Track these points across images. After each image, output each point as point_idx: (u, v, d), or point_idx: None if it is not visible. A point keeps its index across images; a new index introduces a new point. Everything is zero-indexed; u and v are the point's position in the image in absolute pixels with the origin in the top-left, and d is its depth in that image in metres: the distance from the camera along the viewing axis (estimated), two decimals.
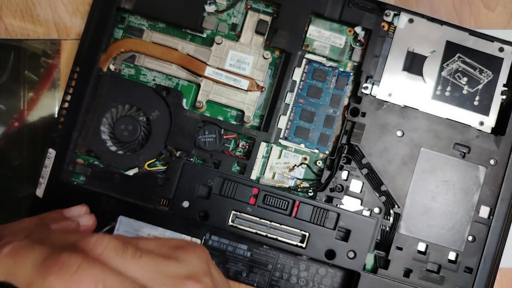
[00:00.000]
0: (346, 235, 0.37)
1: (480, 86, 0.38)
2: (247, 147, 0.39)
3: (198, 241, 0.38)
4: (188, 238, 0.38)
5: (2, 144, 0.40)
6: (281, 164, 0.39)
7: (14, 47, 0.41)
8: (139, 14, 0.39)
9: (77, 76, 0.37)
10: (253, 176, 0.38)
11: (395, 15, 0.38)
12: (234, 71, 0.38)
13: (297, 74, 0.38)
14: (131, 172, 0.38)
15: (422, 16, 0.38)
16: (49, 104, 0.40)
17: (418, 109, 0.38)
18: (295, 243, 0.37)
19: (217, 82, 0.38)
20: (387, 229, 0.37)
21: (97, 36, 0.38)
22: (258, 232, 0.37)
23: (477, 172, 0.38)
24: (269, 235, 0.37)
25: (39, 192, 0.37)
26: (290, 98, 0.38)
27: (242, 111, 0.38)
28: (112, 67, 0.39)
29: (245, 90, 0.38)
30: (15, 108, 0.41)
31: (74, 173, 0.38)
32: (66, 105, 0.37)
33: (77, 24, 0.40)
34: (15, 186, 0.40)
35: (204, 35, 0.39)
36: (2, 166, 0.41)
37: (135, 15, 0.39)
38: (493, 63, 0.38)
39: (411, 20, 0.38)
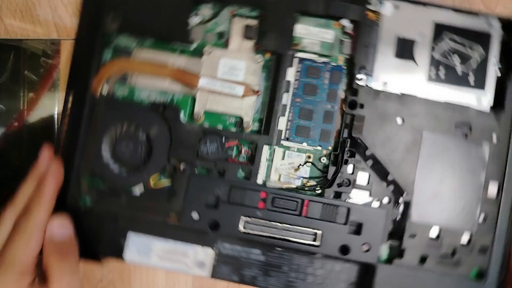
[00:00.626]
0: (358, 229, 0.37)
1: (473, 64, 0.38)
2: (249, 152, 0.39)
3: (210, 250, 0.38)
4: (200, 248, 0.38)
5: (2, 144, 0.41)
6: (286, 165, 0.38)
7: (14, 47, 0.41)
8: (125, 33, 0.39)
9: (72, 103, 0.37)
10: (259, 180, 0.38)
11: (380, 3, 0.38)
12: (227, 79, 0.38)
13: (291, 74, 0.38)
14: (137, 190, 0.38)
15: (406, 0, 0.38)
16: (49, 104, 0.41)
17: (415, 95, 0.38)
18: (308, 242, 0.37)
19: (212, 91, 0.38)
20: (398, 218, 0.37)
21: (86, 61, 0.38)
22: (270, 235, 0.37)
23: (481, 150, 0.37)
24: (281, 237, 0.37)
25: None
26: (286, 98, 0.38)
27: (241, 117, 0.38)
28: (105, 90, 0.39)
29: (241, 96, 0.38)
30: (15, 108, 0.41)
31: (80, 196, 0.38)
32: (65, 131, 0.37)
33: (77, 24, 0.40)
34: (15, 186, 0.41)
35: (193, 47, 0.39)
36: (2, 166, 0.41)
37: (121, 35, 0.39)
38: (483, 38, 0.38)
39: (396, 6, 0.38)
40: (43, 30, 0.39)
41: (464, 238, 0.37)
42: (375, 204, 0.37)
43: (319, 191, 0.38)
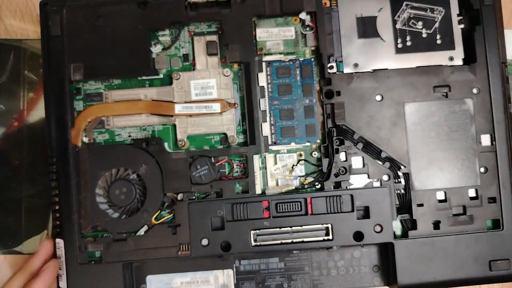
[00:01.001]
0: (366, 212, 0.37)
1: (436, 25, 0.38)
2: (242, 165, 0.38)
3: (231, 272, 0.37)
4: (219, 272, 0.37)
5: (2, 144, 0.40)
6: (280, 168, 0.38)
7: (14, 47, 0.41)
8: (91, 79, 0.38)
9: (56, 161, 0.37)
10: (258, 190, 0.38)
11: None
12: (202, 99, 0.38)
13: (262, 79, 0.38)
14: (142, 232, 0.37)
15: None
16: None
17: (387, 68, 0.38)
18: (321, 238, 0.36)
19: (190, 115, 0.38)
20: (402, 191, 0.37)
21: (59, 116, 0.37)
22: (283, 241, 0.36)
23: (465, 106, 0.38)
24: (294, 240, 0.36)
25: (62, 284, 0.37)
26: (264, 104, 0.38)
27: (225, 133, 0.38)
28: (85, 140, 0.38)
29: (219, 113, 0.38)
30: (15, 108, 0.41)
31: (88, 252, 0.37)
32: (56, 192, 0.37)
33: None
34: (15, 186, 0.41)
35: (161, 76, 0.39)
36: (2, 166, 0.41)
37: (88, 81, 0.39)
38: None
39: None
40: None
41: (471, 194, 0.37)
42: (376, 184, 0.37)
43: (319, 186, 0.38)
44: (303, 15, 0.38)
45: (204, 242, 0.36)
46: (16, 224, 0.41)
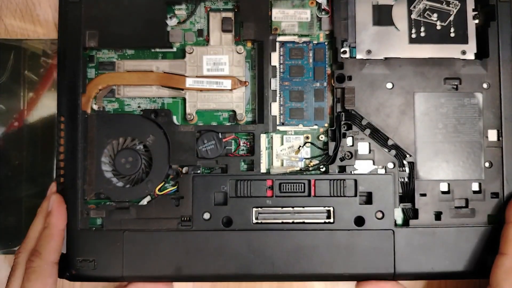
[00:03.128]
0: (369, 198, 0.37)
1: (451, 18, 0.39)
2: (248, 143, 0.39)
3: None
4: None
5: (2, 144, 0.40)
6: (286, 149, 0.39)
7: (14, 47, 0.41)
8: (105, 48, 0.39)
9: (64, 126, 0.37)
10: (263, 169, 0.38)
11: None
12: (213, 75, 0.38)
13: (275, 59, 0.38)
14: (145, 202, 0.38)
15: None
16: (49, 104, 0.41)
17: (400, 57, 0.38)
18: (322, 221, 0.37)
19: (201, 90, 0.38)
20: (406, 180, 0.38)
21: (71, 82, 0.37)
22: (284, 221, 0.37)
23: (475, 100, 0.38)
24: (295, 220, 0.37)
25: (62, 248, 0.37)
26: (275, 84, 0.38)
27: (233, 111, 0.38)
28: (95, 107, 0.39)
29: (229, 90, 0.38)
30: (15, 108, 0.41)
31: (90, 219, 0.37)
32: (62, 156, 0.37)
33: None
34: (15, 186, 0.41)
35: (174, 49, 0.39)
36: (2, 166, 0.41)
37: (102, 50, 0.39)
38: None
39: None
40: (43, 30, 0.40)
41: (474, 187, 0.37)
42: (381, 171, 0.38)
43: (324, 169, 0.38)
44: None
45: (206, 216, 0.36)
46: (16, 224, 0.41)
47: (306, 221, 0.37)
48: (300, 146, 0.38)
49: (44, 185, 0.40)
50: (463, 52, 0.38)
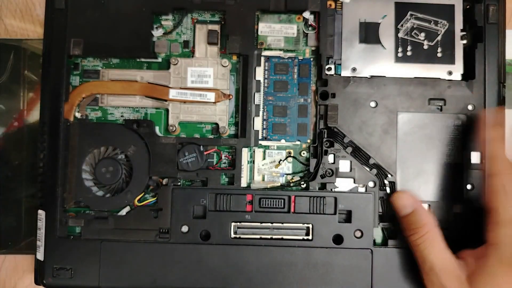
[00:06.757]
0: (348, 216, 0.37)
1: (439, 38, 0.38)
2: (230, 157, 0.38)
3: None
4: None
5: (2, 144, 0.41)
6: (268, 164, 0.38)
7: (14, 47, 0.41)
8: (90, 56, 0.39)
9: (47, 132, 0.37)
10: (243, 183, 0.38)
11: None
12: (197, 87, 0.38)
13: (259, 73, 0.38)
14: (124, 212, 0.38)
15: None
16: None
17: (385, 76, 0.38)
18: (301, 237, 0.36)
19: (184, 101, 0.38)
20: (387, 199, 0.37)
21: (55, 89, 0.37)
22: (263, 237, 0.37)
23: (458, 121, 0.38)
24: (274, 236, 0.37)
25: (40, 255, 0.37)
26: (258, 98, 0.38)
27: (216, 123, 0.38)
28: (78, 115, 0.39)
29: (213, 102, 0.38)
30: (15, 108, 0.41)
31: (68, 227, 0.37)
32: (42, 164, 0.37)
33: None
34: (15, 186, 0.41)
35: (159, 60, 0.39)
36: (2, 166, 0.41)
37: (86, 58, 0.39)
38: (445, 11, 0.39)
39: None
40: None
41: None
42: (361, 189, 0.37)
43: (304, 186, 0.38)
44: (306, 14, 0.38)
45: (184, 229, 0.36)
46: (16, 224, 0.41)
47: (284, 237, 0.37)
48: (281, 160, 0.38)
49: None
50: (450, 73, 0.38)
